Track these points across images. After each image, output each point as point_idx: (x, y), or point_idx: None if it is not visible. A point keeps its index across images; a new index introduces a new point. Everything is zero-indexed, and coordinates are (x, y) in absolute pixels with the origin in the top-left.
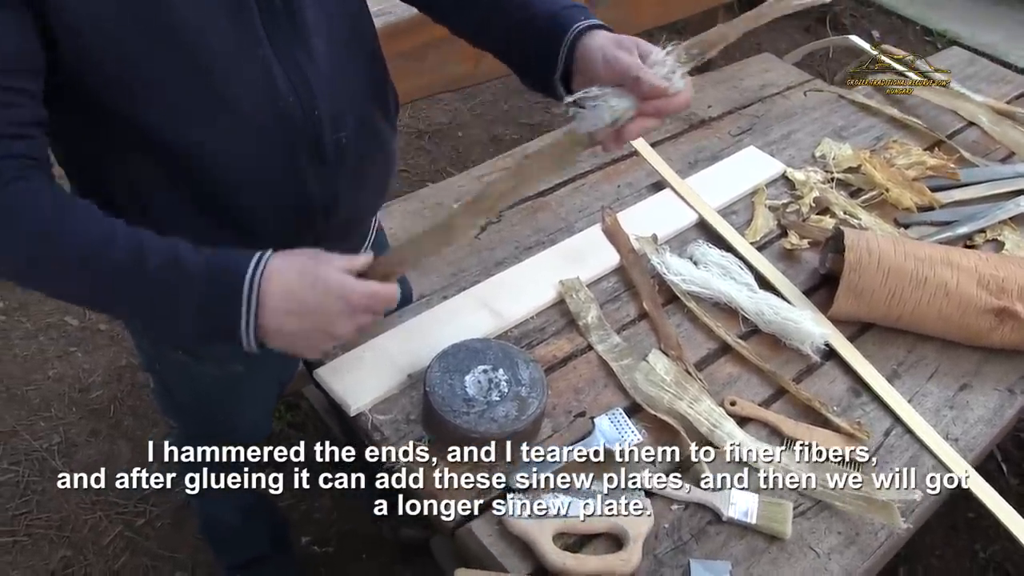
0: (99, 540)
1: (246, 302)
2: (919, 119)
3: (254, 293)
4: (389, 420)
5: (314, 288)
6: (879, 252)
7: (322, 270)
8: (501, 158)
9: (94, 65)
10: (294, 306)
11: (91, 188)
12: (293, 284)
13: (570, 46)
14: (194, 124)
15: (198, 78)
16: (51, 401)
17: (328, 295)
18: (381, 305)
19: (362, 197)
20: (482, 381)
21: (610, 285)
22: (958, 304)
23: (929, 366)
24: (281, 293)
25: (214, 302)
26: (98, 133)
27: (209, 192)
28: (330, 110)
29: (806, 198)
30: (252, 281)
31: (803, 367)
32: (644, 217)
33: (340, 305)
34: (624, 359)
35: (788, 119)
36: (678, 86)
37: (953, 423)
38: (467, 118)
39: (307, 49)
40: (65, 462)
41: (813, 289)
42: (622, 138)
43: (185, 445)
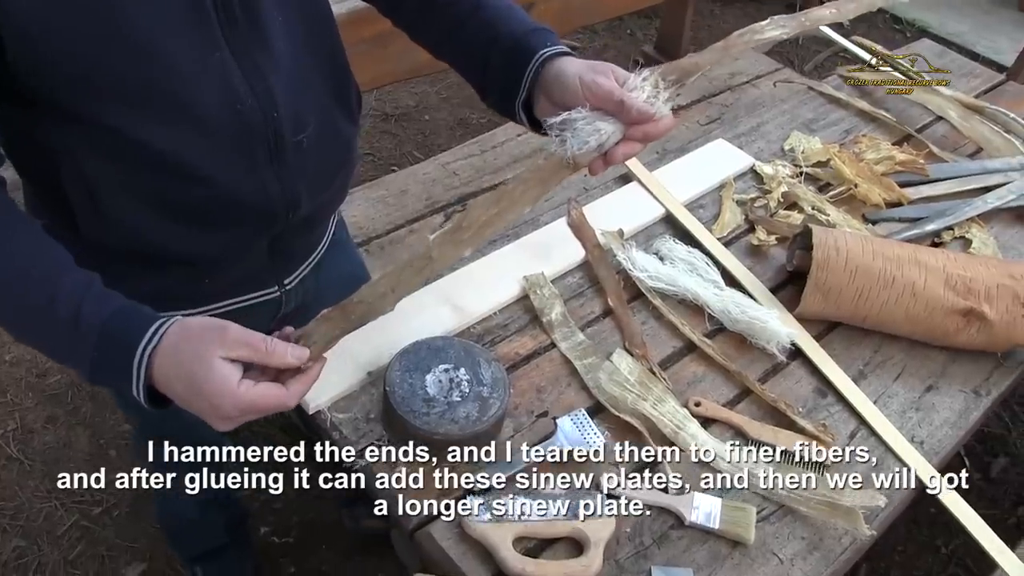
0: (54, 530)
1: (136, 373)
2: (888, 112)
3: (142, 367)
4: (348, 419)
5: (192, 382)
6: (847, 250)
7: (205, 365)
8: (467, 145)
9: (45, 67)
10: (179, 389)
11: (40, 180)
12: (179, 369)
13: (535, 71)
14: (149, 125)
15: (152, 81)
16: (7, 386)
17: (201, 396)
18: (259, 413)
19: (323, 196)
20: (443, 380)
21: (575, 280)
22: (925, 304)
23: (896, 366)
24: (166, 375)
25: (106, 367)
26: (49, 127)
27: (163, 191)
28: (290, 112)
29: (774, 192)
30: (143, 354)
31: (769, 367)
32: (610, 211)
33: (208, 407)
34: (588, 357)
35: (757, 110)
36: (663, 111)
37: (919, 425)
38: (434, 101)
39: (267, 51)
40: (21, 449)
41: (780, 286)
42: (608, 162)
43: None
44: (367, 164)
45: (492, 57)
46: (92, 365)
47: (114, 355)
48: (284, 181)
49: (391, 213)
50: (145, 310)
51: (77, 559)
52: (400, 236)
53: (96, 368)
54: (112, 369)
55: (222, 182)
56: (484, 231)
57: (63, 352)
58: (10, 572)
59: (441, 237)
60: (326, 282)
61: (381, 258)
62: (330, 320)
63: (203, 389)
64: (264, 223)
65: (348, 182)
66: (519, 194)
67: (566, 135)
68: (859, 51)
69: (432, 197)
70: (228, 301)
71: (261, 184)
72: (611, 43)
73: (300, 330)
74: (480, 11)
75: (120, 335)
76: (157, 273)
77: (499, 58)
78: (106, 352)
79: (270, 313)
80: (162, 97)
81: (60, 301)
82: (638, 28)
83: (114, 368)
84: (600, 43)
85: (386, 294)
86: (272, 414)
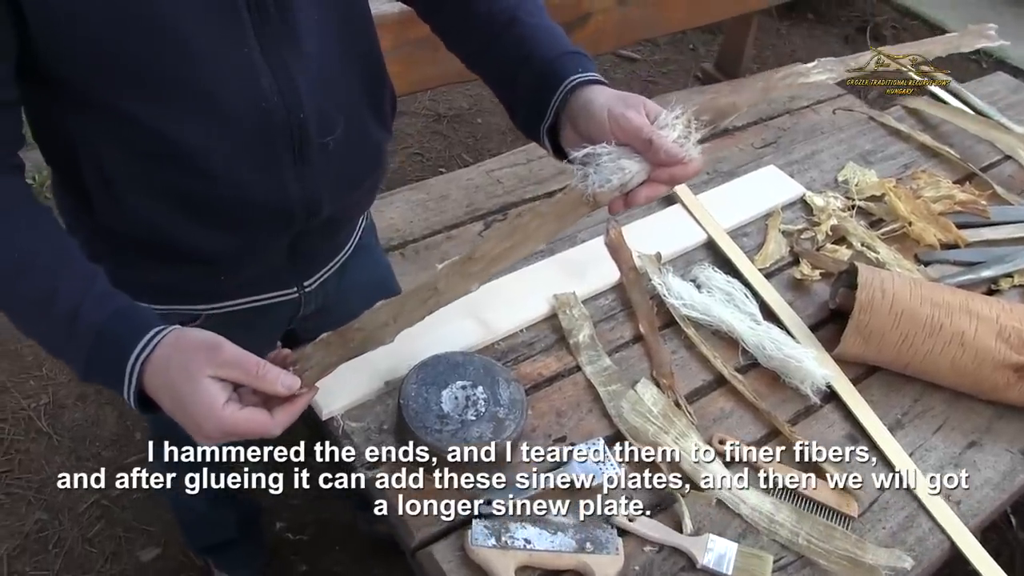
0: (75, 506)
1: (127, 379)
2: (952, 148)
3: (134, 374)
4: (361, 428)
5: (178, 397)
6: (893, 293)
7: (193, 382)
8: (514, 153)
9: (70, 54)
10: (165, 400)
11: (60, 164)
12: (167, 381)
13: (563, 98)
14: (169, 116)
15: (176, 72)
16: (43, 361)
17: (185, 412)
18: (241, 437)
19: (348, 200)
20: (459, 397)
21: (607, 303)
22: (974, 355)
23: (937, 418)
24: (156, 384)
25: (98, 368)
26: (68, 110)
27: (179, 184)
28: (317, 113)
29: (823, 225)
30: (136, 361)
31: (801, 408)
32: (651, 233)
33: (192, 424)
34: (613, 384)
35: (814, 137)
36: (692, 154)
37: (957, 484)
38: (488, 105)
39: (297, 51)
40: (51, 423)
41: (820, 324)
42: (630, 203)
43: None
44: (415, 164)
45: (521, 77)
46: (86, 364)
47: (108, 357)
48: (306, 182)
49: (430, 218)
50: (144, 314)
51: (95, 537)
52: (437, 242)
53: (89, 368)
54: (105, 371)
55: (239, 180)
56: (495, 264)
57: (59, 347)
58: (31, 543)
59: (449, 268)
60: (349, 285)
61: (416, 263)
62: (328, 346)
63: (188, 406)
64: (282, 223)
65: (377, 187)
66: (534, 228)
67: (588, 171)
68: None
69: (473, 204)
70: (245, 299)
71: (281, 184)
72: (672, 57)
73: (297, 352)
74: (515, 27)
75: (116, 339)
76: (171, 266)
77: (528, 79)
78: (100, 353)
79: (289, 313)
80: (184, 89)
81: (61, 296)
82: (701, 44)
83: (107, 370)
84: (661, 56)
85: (388, 324)
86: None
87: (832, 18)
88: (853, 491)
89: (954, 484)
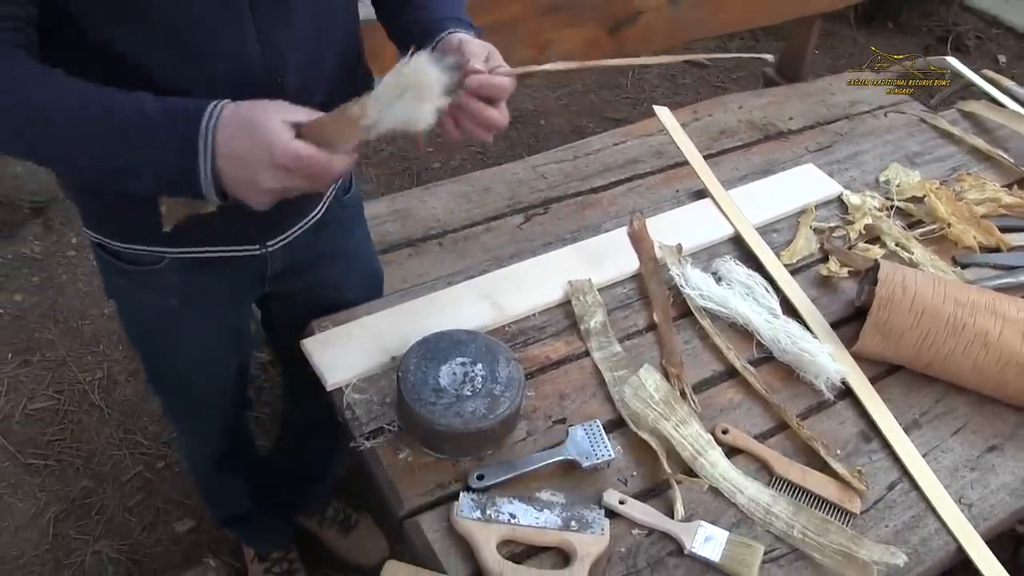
0: (119, 476)
1: (202, 149)
2: (1006, 152)
3: (208, 139)
4: (364, 400)
5: (248, 137)
6: (915, 290)
7: (260, 119)
8: (561, 149)
9: None
10: (233, 152)
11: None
12: (235, 130)
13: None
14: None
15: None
16: (100, 337)
17: (255, 146)
18: (308, 170)
19: None
20: (457, 373)
21: (623, 292)
22: (998, 357)
23: (957, 420)
24: (225, 140)
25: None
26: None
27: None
28: (297, 85)
29: (856, 224)
30: (207, 128)
31: (813, 403)
32: (676, 225)
33: (264, 157)
34: (619, 370)
35: (858, 138)
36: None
37: (971, 486)
38: (553, 107)
39: (287, 24)
40: (103, 397)
41: (843, 322)
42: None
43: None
44: (476, 163)
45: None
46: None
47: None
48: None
49: (471, 209)
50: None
51: (135, 507)
52: (476, 233)
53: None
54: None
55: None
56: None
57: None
58: (76, 508)
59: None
60: (326, 254)
61: (453, 252)
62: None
63: (256, 138)
64: None
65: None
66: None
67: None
68: (986, 86)
69: (516, 197)
70: (208, 247)
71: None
72: (743, 63)
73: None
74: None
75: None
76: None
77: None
78: (175, 129)
79: (256, 272)
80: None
81: (117, 108)
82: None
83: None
84: (732, 62)
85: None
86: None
87: (913, 28)
88: (857, 487)
89: (965, 483)
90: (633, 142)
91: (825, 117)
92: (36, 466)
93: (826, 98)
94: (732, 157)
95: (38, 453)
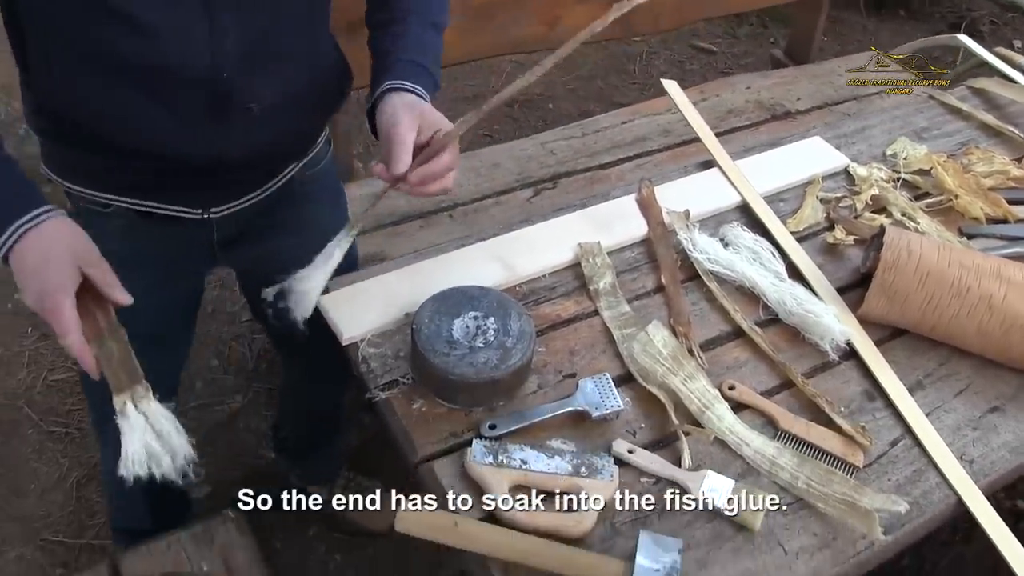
0: None
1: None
2: (1016, 128)
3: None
4: (379, 354)
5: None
6: (920, 254)
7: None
8: (569, 127)
9: None
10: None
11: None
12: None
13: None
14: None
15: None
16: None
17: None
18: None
19: (277, 152)
20: (470, 326)
21: (632, 255)
22: (1002, 320)
23: (960, 382)
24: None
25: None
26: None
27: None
28: (243, 78)
29: (863, 194)
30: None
31: (818, 363)
32: (684, 194)
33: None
34: (628, 328)
35: (866, 113)
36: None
37: (972, 444)
38: (561, 91)
39: (238, 17)
40: None
41: (848, 287)
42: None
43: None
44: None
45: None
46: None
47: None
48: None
49: (480, 184)
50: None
51: None
52: (486, 206)
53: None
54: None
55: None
56: None
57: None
58: (97, 472)
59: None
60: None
61: (464, 223)
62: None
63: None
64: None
65: (313, 141)
66: None
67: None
68: (1001, 64)
69: (525, 172)
70: (152, 202)
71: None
72: (751, 50)
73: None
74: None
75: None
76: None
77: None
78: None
79: (202, 237)
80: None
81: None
82: (781, 37)
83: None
84: (740, 49)
85: None
86: None
87: (925, 14)
88: (860, 442)
89: (967, 441)
90: (641, 120)
91: (833, 98)
92: (58, 433)
93: (834, 79)
94: (739, 136)
95: (59, 421)
